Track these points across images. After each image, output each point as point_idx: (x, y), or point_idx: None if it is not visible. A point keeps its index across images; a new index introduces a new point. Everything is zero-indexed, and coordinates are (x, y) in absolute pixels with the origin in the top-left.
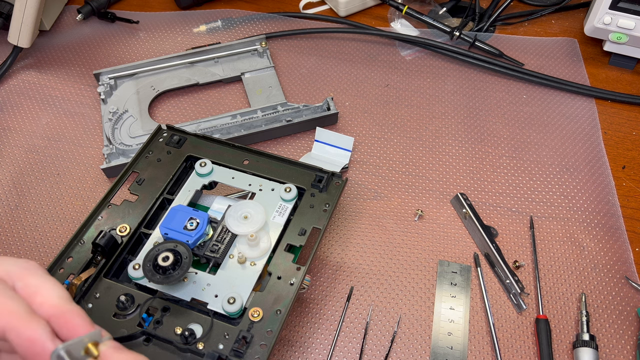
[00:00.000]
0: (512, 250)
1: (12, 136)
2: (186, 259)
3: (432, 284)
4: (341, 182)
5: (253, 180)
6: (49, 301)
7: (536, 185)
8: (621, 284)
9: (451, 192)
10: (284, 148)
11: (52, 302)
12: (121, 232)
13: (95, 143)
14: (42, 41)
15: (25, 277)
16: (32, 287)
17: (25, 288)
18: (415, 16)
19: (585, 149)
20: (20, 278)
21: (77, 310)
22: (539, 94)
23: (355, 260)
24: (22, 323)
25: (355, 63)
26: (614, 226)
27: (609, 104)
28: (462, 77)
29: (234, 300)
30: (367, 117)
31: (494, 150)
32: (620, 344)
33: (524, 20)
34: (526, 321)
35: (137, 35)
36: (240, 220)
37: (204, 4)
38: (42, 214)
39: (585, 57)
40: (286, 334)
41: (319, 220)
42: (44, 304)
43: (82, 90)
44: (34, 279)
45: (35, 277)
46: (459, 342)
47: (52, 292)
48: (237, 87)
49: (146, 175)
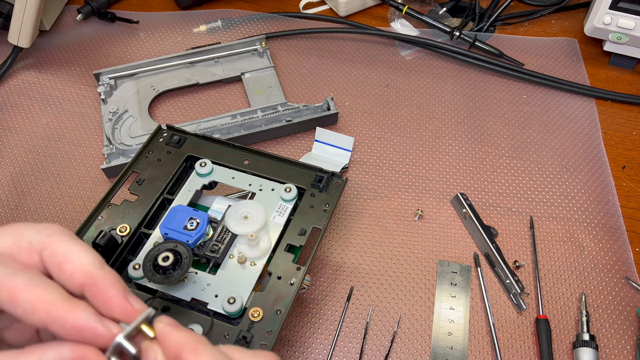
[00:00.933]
0: (512, 250)
1: (12, 136)
2: (186, 259)
3: (432, 284)
4: (341, 182)
5: (253, 180)
6: (80, 269)
7: (536, 185)
8: (621, 284)
9: (451, 192)
10: (284, 148)
11: (83, 270)
12: (121, 232)
13: (95, 143)
14: (42, 41)
15: (50, 244)
16: (60, 255)
17: (53, 257)
18: (415, 16)
19: (585, 149)
20: (45, 246)
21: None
22: (539, 94)
23: (355, 260)
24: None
25: (355, 63)
26: (614, 226)
27: (609, 104)
28: (462, 77)
29: (234, 300)
30: (367, 117)
31: (494, 150)
32: (620, 344)
33: (524, 20)
34: (526, 321)
35: (137, 35)
36: (240, 220)
37: (204, 4)
38: (42, 214)
39: (585, 57)
40: (286, 334)
41: (319, 220)
42: (75, 272)
43: (82, 90)
44: (61, 246)
45: (61, 243)
46: (459, 342)
47: (82, 259)
48: (237, 87)
49: (146, 175)
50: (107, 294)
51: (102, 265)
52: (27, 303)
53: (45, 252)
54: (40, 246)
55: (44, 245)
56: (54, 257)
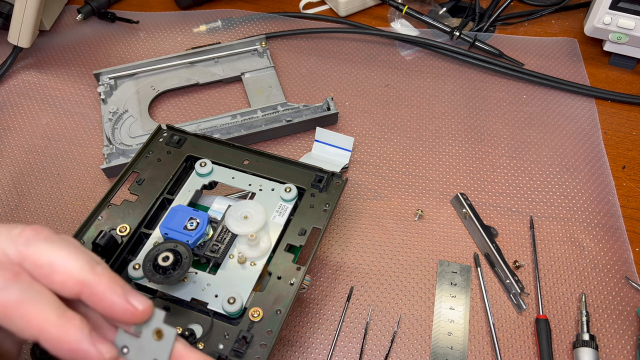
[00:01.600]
0: (512, 250)
1: (12, 136)
2: (186, 259)
3: (432, 284)
4: (341, 182)
5: (253, 180)
6: (71, 277)
7: (536, 185)
8: (621, 284)
9: (451, 192)
10: (284, 148)
11: (75, 278)
12: (121, 232)
13: (95, 143)
14: (42, 41)
15: (30, 255)
16: (44, 266)
17: (37, 269)
18: (415, 16)
19: (585, 149)
20: (24, 257)
21: (105, 281)
22: (539, 94)
23: (355, 260)
24: (57, 331)
25: (355, 63)
26: (614, 226)
27: (609, 104)
28: (462, 77)
29: (234, 300)
30: (367, 117)
31: (494, 150)
32: (621, 344)
33: (524, 20)
34: (526, 321)
35: (137, 35)
36: (240, 220)
37: (204, 4)
38: (42, 214)
39: (585, 57)
40: (286, 334)
41: (319, 220)
42: (66, 282)
43: (82, 90)
44: (42, 255)
45: (41, 251)
46: (459, 342)
47: (70, 266)
48: (237, 87)
49: (146, 175)
50: (107, 300)
51: (94, 268)
52: (20, 320)
53: (27, 264)
54: (18, 258)
55: (23, 256)
56: (38, 269)
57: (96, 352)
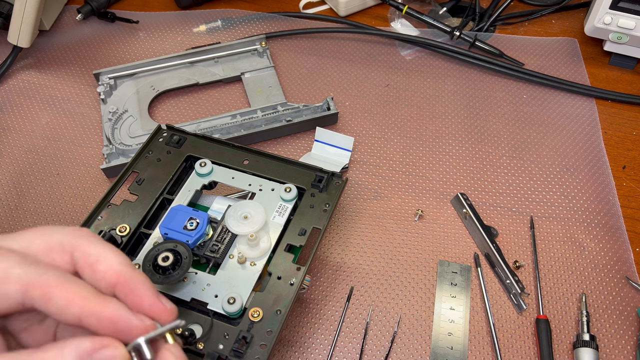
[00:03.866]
0: (512, 250)
1: (12, 136)
2: (186, 259)
3: (432, 284)
4: (341, 182)
5: (253, 180)
6: (112, 268)
7: (536, 185)
8: (621, 284)
9: (451, 192)
10: (284, 148)
11: (115, 269)
12: (121, 232)
13: (95, 143)
14: (42, 41)
15: (82, 246)
16: (92, 255)
17: (85, 257)
18: (416, 16)
19: (586, 149)
20: (76, 247)
21: (140, 278)
22: (539, 94)
23: (355, 260)
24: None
25: (355, 63)
26: (614, 226)
27: (609, 104)
28: (462, 77)
29: (234, 300)
30: (367, 117)
31: (494, 150)
32: (621, 344)
33: (524, 20)
34: (526, 321)
35: (137, 35)
36: (240, 220)
37: (204, 3)
38: (42, 214)
39: (586, 57)
40: (286, 334)
41: (319, 220)
42: (107, 271)
43: (82, 90)
44: (92, 247)
45: (91, 244)
46: (459, 342)
47: (113, 259)
48: (237, 87)
49: (146, 175)
50: (139, 293)
51: (132, 267)
52: (61, 299)
53: (77, 253)
54: (71, 247)
55: (75, 246)
56: (86, 258)
57: (138, 320)
